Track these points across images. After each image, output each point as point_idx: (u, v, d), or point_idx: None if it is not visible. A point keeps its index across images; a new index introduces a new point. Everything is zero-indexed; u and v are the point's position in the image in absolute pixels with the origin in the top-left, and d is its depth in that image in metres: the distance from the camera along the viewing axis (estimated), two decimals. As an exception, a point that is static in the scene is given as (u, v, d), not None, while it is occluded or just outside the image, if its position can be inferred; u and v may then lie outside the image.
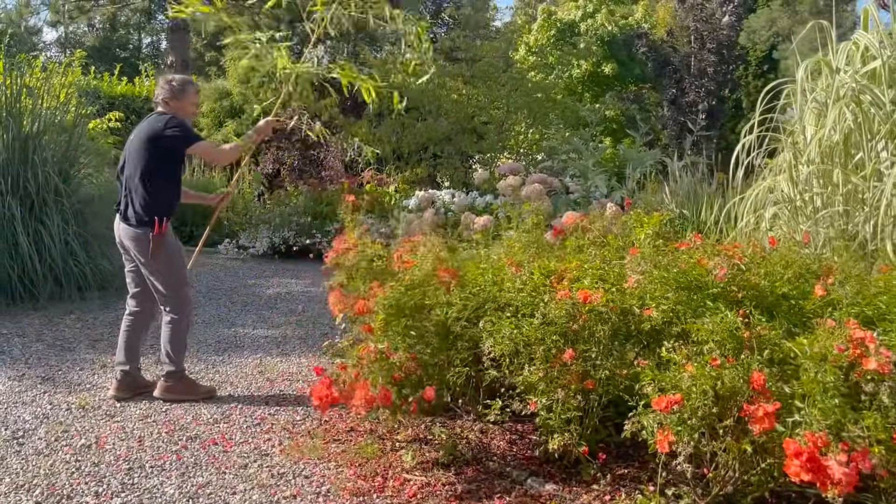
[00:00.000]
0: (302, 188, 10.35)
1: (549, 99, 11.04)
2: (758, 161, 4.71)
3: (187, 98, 3.87)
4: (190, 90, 3.88)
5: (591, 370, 2.85)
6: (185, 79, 3.94)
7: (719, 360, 2.36)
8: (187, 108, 3.90)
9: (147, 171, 3.76)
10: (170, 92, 3.85)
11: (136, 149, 3.79)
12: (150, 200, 3.76)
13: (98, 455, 3.24)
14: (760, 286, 2.74)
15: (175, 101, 3.85)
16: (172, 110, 3.84)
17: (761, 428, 2.20)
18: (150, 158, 3.75)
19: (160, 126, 3.75)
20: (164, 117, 3.79)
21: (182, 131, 3.77)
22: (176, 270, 3.89)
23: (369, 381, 2.88)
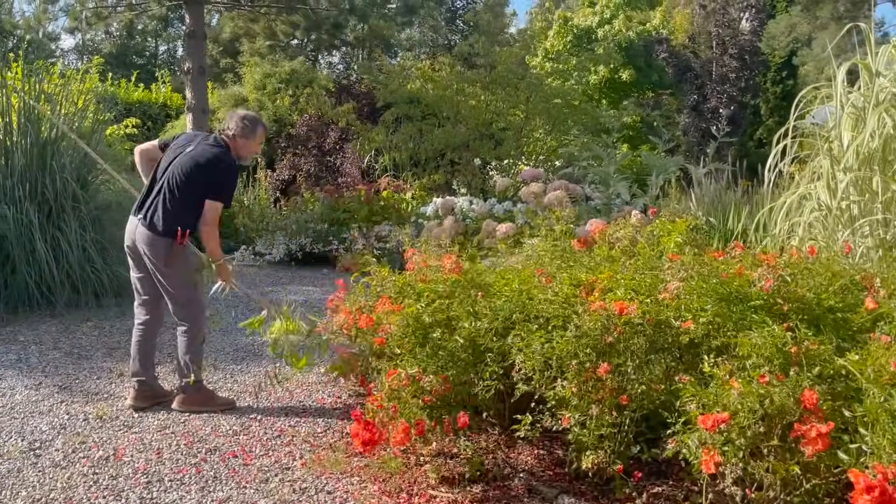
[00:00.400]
0: (318, 195, 10.30)
1: (568, 105, 10.94)
2: (785, 168, 4.58)
3: (255, 139, 3.84)
4: (259, 132, 3.84)
5: (626, 385, 2.74)
6: (258, 119, 3.88)
7: (767, 377, 2.24)
8: (252, 147, 3.87)
9: (189, 193, 3.69)
10: (241, 130, 3.79)
11: (186, 167, 3.71)
12: (180, 216, 3.70)
13: (116, 468, 3.16)
14: (806, 298, 2.62)
15: (242, 140, 3.80)
16: (236, 147, 3.81)
17: (814, 450, 2.08)
18: (195, 185, 3.69)
19: (216, 167, 3.68)
20: (226, 157, 3.74)
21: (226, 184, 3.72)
22: (191, 277, 3.83)
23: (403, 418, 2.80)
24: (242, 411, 3.89)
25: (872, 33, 3.98)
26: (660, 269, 3.20)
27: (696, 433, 2.27)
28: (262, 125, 3.88)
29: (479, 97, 10.53)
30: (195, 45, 12.35)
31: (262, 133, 3.88)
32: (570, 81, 12.91)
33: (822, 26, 15.34)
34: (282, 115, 13.40)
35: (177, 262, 3.75)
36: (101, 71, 13.39)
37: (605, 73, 16.80)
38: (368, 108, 12.40)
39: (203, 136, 3.90)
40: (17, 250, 5.79)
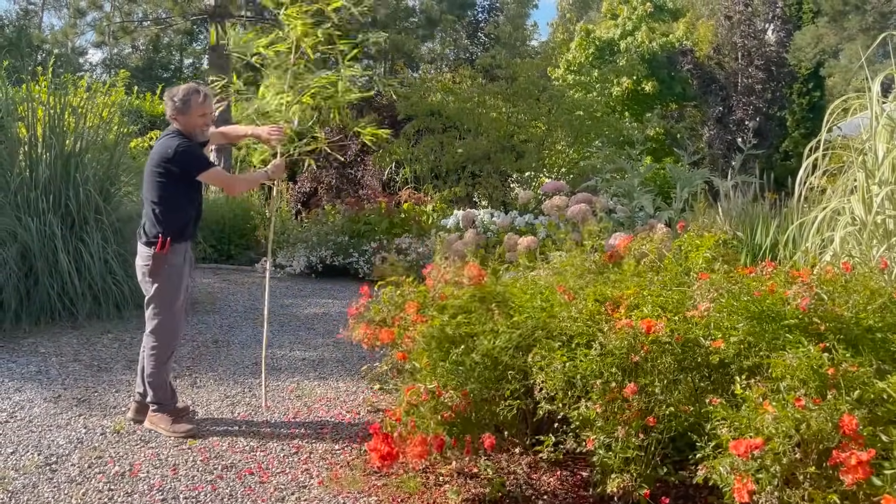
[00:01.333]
0: (339, 207, 10.28)
1: (591, 117, 10.83)
2: (814, 182, 4.46)
3: (193, 111, 3.66)
4: (194, 102, 3.65)
5: (653, 406, 2.64)
6: (189, 90, 3.69)
7: (803, 400, 2.14)
8: (195, 121, 3.69)
9: (157, 194, 3.65)
10: (173, 108, 3.67)
11: (148, 170, 3.70)
12: (158, 221, 3.65)
13: (132, 484, 3.12)
14: (844, 318, 2.51)
15: (182, 117, 3.67)
16: (182, 126, 3.69)
17: (854, 478, 1.97)
18: (160, 182, 3.64)
19: (170, 152, 3.60)
20: (174, 141, 3.63)
21: (190, 159, 3.61)
22: (169, 295, 3.69)
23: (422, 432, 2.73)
24: (259, 426, 3.84)
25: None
26: (688, 285, 3.10)
27: (727, 459, 2.17)
28: (195, 93, 3.66)
29: (501, 109, 10.47)
30: (218, 58, 12.46)
31: (199, 101, 3.65)
32: (593, 93, 12.81)
33: (850, 37, 15.11)
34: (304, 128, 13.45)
35: (159, 274, 3.66)
36: (126, 84, 13.55)
37: (628, 85, 16.67)
38: (390, 120, 12.39)
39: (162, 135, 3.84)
40: (40, 262, 5.81)
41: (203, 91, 3.71)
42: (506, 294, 3.41)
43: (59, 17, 27.92)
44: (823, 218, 3.95)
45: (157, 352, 3.72)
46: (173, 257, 3.68)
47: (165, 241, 3.62)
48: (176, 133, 3.70)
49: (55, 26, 14.89)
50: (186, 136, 3.69)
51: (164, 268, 3.66)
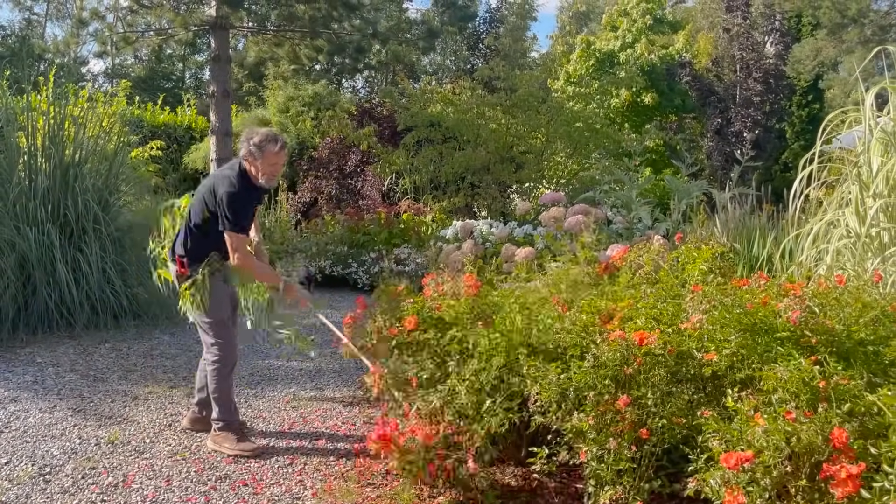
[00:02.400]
0: (339, 217, 10.31)
1: (590, 128, 10.87)
2: (811, 193, 4.47)
3: (265, 158, 3.59)
4: (269, 150, 3.59)
5: (646, 418, 2.64)
6: (269, 136, 3.64)
7: (794, 413, 2.14)
8: (265, 168, 3.63)
9: (196, 219, 3.64)
10: (247, 150, 3.62)
11: (198, 193, 3.70)
12: (185, 244, 3.66)
13: (125, 495, 3.11)
14: (835, 331, 2.51)
15: (253, 160, 3.62)
16: (252, 167, 3.64)
17: (844, 492, 1.97)
18: (201, 209, 3.63)
19: (218, 189, 3.57)
20: (228, 181, 3.58)
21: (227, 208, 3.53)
22: (213, 313, 3.64)
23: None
24: (255, 437, 3.83)
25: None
26: (682, 297, 3.11)
27: (718, 471, 2.17)
28: (272, 141, 3.61)
29: (500, 120, 10.51)
30: (220, 69, 12.51)
31: (274, 150, 3.60)
32: (592, 105, 12.85)
33: (849, 50, 15.17)
34: (304, 138, 13.51)
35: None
36: (128, 94, 13.62)
37: (628, 97, 16.72)
38: (389, 131, 12.45)
39: (229, 163, 3.82)
40: (37, 271, 5.83)
41: (281, 141, 3.66)
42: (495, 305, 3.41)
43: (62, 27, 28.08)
44: (818, 230, 3.96)
45: (218, 366, 3.65)
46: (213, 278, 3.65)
47: (184, 262, 3.62)
48: (239, 172, 3.65)
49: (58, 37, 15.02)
50: (247, 178, 3.65)
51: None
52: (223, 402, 3.68)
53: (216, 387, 3.66)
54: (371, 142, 11.53)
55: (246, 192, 3.63)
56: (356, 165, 12.08)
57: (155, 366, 5.13)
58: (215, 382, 3.66)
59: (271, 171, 3.67)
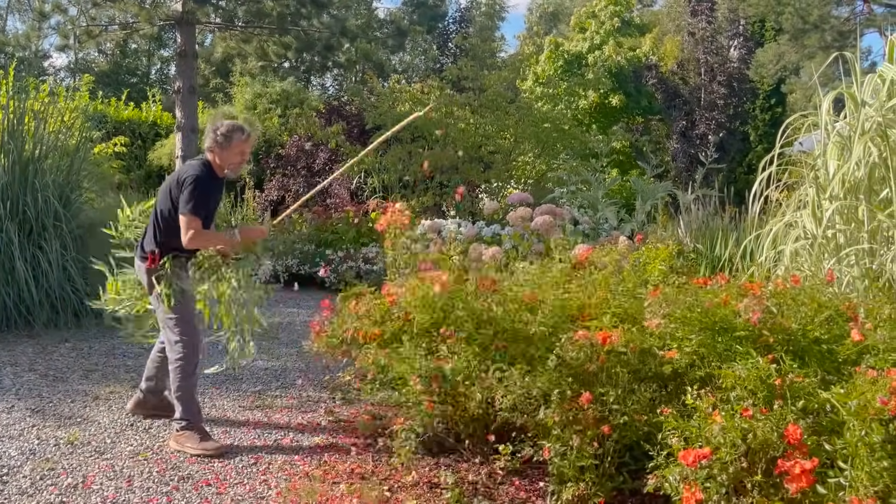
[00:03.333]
0: (306, 216, 10.24)
1: (557, 129, 10.96)
2: (772, 195, 4.57)
3: (231, 148, 3.62)
4: (235, 139, 3.61)
5: (608, 415, 2.68)
6: (233, 127, 3.64)
7: (751, 410, 2.19)
8: (231, 157, 3.65)
9: (164, 213, 3.63)
10: (213, 140, 3.63)
11: (164, 187, 3.70)
12: (155, 239, 3.64)
13: (84, 496, 3.06)
14: (792, 330, 2.57)
15: (220, 150, 3.63)
16: (216, 158, 3.65)
17: (798, 487, 2.03)
18: (169, 203, 3.62)
19: (182, 177, 3.58)
20: (194, 171, 3.59)
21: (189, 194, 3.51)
22: (175, 308, 3.61)
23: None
24: (219, 437, 3.79)
25: (858, 62, 3.99)
26: (645, 297, 3.16)
27: (677, 468, 2.21)
28: (238, 131, 3.63)
29: (469, 120, 10.55)
30: (186, 64, 12.35)
31: (241, 139, 3.62)
32: (560, 106, 12.97)
33: (810, 55, 15.49)
34: (271, 136, 13.39)
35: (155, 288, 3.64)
36: (91, 89, 13.35)
37: (595, 99, 16.89)
38: (358, 129, 12.40)
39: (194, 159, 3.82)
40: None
41: (247, 131, 3.68)
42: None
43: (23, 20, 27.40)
44: (777, 231, 4.05)
45: (181, 364, 3.61)
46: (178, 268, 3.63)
47: (154, 257, 3.60)
48: (203, 163, 3.66)
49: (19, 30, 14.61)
50: (212, 170, 3.67)
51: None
52: (186, 401, 3.64)
53: (179, 385, 3.62)
54: (339, 140, 11.48)
55: (210, 181, 3.64)
56: (324, 164, 12.01)
57: (117, 365, 5.05)
58: (178, 381, 3.62)
59: (238, 160, 3.70)
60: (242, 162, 3.75)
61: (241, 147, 3.64)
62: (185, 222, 3.53)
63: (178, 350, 3.62)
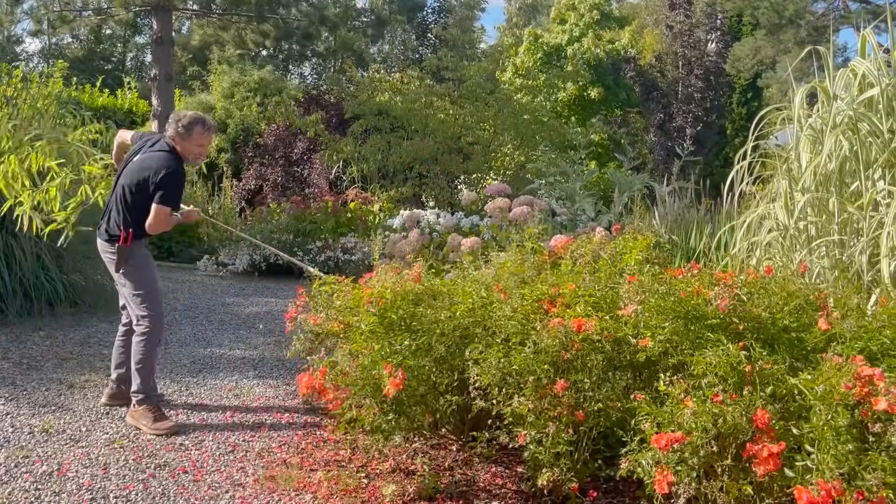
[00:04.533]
0: (285, 205, 10.20)
1: (537, 121, 11.00)
2: (747, 188, 4.64)
3: (192, 140, 3.77)
4: (196, 132, 3.77)
5: (582, 402, 2.72)
6: (195, 119, 3.80)
7: (721, 396, 2.24)
8: (192, 148, 3.81)
9: (133, 200, 3.71)
10: (175, 131, 3.77)
11: (131, 173, 3.75)
12: (126, 222, 3.73)
13: (60, 483, 3.05)
14: (762, 318, 2.63)
15: (181, 141, 3.77)
16: (178, 147, 3.78)
17: (766, 470, 2.08)
18: (139, 191, 3.70)
19: (157, 170, 3.66)
20: (166, 163, 3.69)
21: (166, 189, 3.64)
22: (144, 281, 3.78)
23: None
24: (195, 425, 3.79)
25: (831, 57, 4.05)
26: (620, 285, 3.20)
27: (650, 452, 2.26)
28: (199, 123, 3.79)
29: (448, 111, 10.55)
30: (163, 51, 12.22)
31: (201, 132, 3.78)
32: (539, 98, 13.00)
33: (786, 50, 15.65)
34: (249, 124, 13.28)
35: (128, 267, 3.75)
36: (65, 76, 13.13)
37: (574, 91, 16.95)
38: (337, 118, 12.35)
39: (151, 140, 3.89)
40: (-33, 257, 5.61)
41: (208, 123, 3.85)
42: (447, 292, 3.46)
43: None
44: (751, 223, 4.12)
45: (146, 338, 3.72)
46: (136, 248, 3.77)
47: (128, 236, 3.69)
48: (171, 151, 3.77)
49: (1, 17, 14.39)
50: (179, 158, 3.79)
51: (132, 258, 3.74)
52: (146, 374, 3.73)
53: (142, 358, 3.72)
54: (318, 129, 11.42)
55: (181, 172, 3.81)
56: (303, 153, 11.95)
57: (92, 354, 5.01)
58: (141, 354, 3.72)
59: (199, 151, 3.88)
60: (202, 153, 3.94)
61: (201, 139, 3.81)
62: (157, 211, 3.66)
63: (145, 324, 3.73)
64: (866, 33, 3.87)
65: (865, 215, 3.54)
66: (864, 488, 1.95)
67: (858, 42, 3.88)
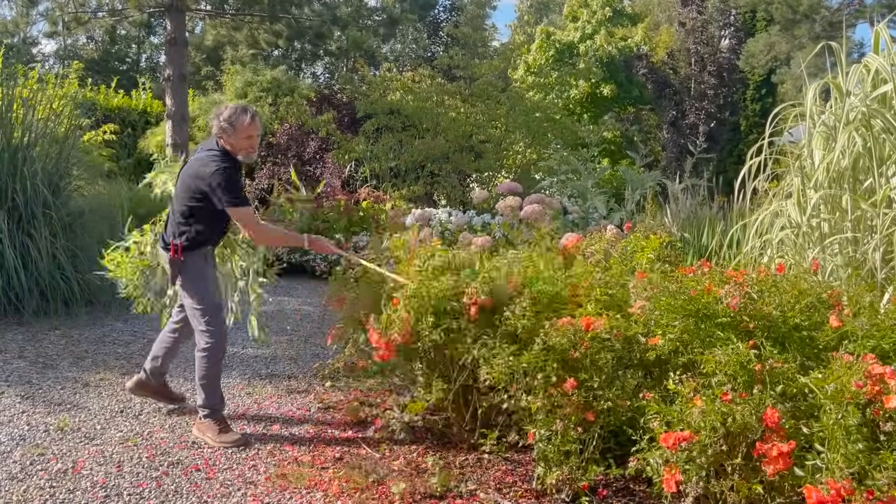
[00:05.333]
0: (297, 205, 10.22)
1: (548, 118, 10.97)
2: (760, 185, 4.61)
3: (238, 133, 3.49)
4: (240, 123, 3.48)
5: (592, 400, 2.72)
6: (237, 110, 3.53)
7: (730, 395, 2.23)
8: (240, 143, 3.52)
9: (185, 206, 3.55)
10: (218, 128, 3.51)
11: (182, 179, 3.61)
12: (178, 231, 3.58)
13: (74, 481, 3.09)
14: (772, 316, 2.62)
15: (226, 137, 3.51)
16: (227, 144, 3.54)
17: (775, 469, 2.07)
18: (190, 196, 3.53)
19: (205, 171, 3.46)
20: (214, 162, 3.46)
21: (222, 188, 3.41)
22: (199, 293, 3.58)
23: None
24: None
25: (844, 53, 4.02)
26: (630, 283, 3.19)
27: (658, 451, 2.26)
28: (242, 114, 3.50)
29: (459, 109, 10.55)
30: (176, 52, 12.28)
31: (246, 123, 3.49)
32: (551, 95, 12.97)
33: (800, 46, 15.52)
34: (262, 124, 13.33)
35: (182, 277, 3.60)
36: (80, 76, 13.24)
37: (587, 88, 16.89)
38: (349, 118, 12.38)
39: (203, 145, 3.73)
40: (-16, 257, 5.68)
41: (251, 112, 3.54)
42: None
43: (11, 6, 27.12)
44: (763, 220, 4.09)
45: (208, 354, 3.57)
46: (191, 260, 3.58)
47: (177, 248, 3.55)
48: (220, 151, 3.54)
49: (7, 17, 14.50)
50: (229, 155, 3.55)
51: (186, 271, 3.58)
52: (210, 389, 3.62)
53: (204, 374, 3.60)
54: (330, 129, 11.45)
55: (234, 168, 3.55)
56: (315, 152, 11.99)
57: (107, 352, 5.07)
58: (204, 370, 3.60)
59: (248, 143, 3.57)
60: (254, 145, 3.61)
61: (247, 131, 3.52)
62: (240, 216, 3.47)
63: (206, 339, 3.58)
64: (880, 28, 3.83)
65: (879, 212, 3.51)
66: (875, 487, 1.94)
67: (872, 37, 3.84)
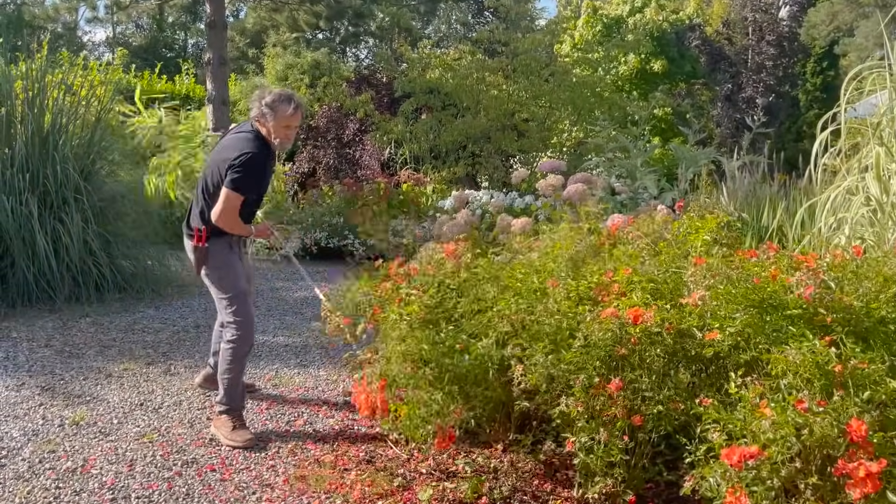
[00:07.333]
0: (336, 188, 10.04)
1: (595, 95, 10.49)
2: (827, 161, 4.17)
3: (278, 119, 3.32)
4: (280, 110, 3.31)
5: (640, 404, 2.39)
6: (281, 96, 3.35)
7: (807, 402, 1.88)
8: (278, 130, 3.36)
9: (212, 188, 3.38)
10: (258, 111, 3.36)
11: (212, 161, 3.46)
12: (202, 216, 3.41)
13: (82, 481, 2.91)
14: (853, 308, 2.24)
15: (264, 121, 3.36)
16: (264, 129, 3.38)
17: (862, 492, 1.72)
18: (218, 177, 3.36)
19: (234, 154, 3.29)
20: (247, 146, 3.31)
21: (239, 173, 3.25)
22: (226, 283, 3.42)
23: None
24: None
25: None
26: (684, 270, 2.84)
27: (719, 467, 1.92)
28: (286, 101, 3.32)
29: (501, 86, 10.14)
30: (215, 35, 12.14)
31: (287, 111, 3.31)
32: (599, 71, 12.44)
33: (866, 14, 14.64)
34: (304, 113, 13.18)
35: (208, 269, 3.43)
36: (126, 63, 13.29)
37: (636, 64, 16.22)
38: (388, 98, 12.10)
39: (237, 126, 3.58)
40: (16, 243, 5.60)
41: (295, 102, 3.36)
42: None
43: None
44: (835, 198, 3.67)
45: (234, 346, 3.40)
46: (215, 248, 3.41)
47: (201, 235, 3.37)
48: (254, 135, 3.39)
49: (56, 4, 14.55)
50: (263, 141, 3.39)
51: (212, 259, 3.41)
52: (231, 384, 3.42)
53: (228, 367, 3.41)
54: (368, 109, 11.19)
55: (263, 157, 3.36)
56: (354, 134, 11.75)
57: (135, 341, 4.92)
58: (228, 362, 3.40)
59: (285, 133, 3.39)
60: (290, 136, 3.43)
61: (287, 120, 3.34)
62: (226, 197, 3.27)
63: (233, 331, 3.41)
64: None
65: (972, 187, 3.07)
66: None
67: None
